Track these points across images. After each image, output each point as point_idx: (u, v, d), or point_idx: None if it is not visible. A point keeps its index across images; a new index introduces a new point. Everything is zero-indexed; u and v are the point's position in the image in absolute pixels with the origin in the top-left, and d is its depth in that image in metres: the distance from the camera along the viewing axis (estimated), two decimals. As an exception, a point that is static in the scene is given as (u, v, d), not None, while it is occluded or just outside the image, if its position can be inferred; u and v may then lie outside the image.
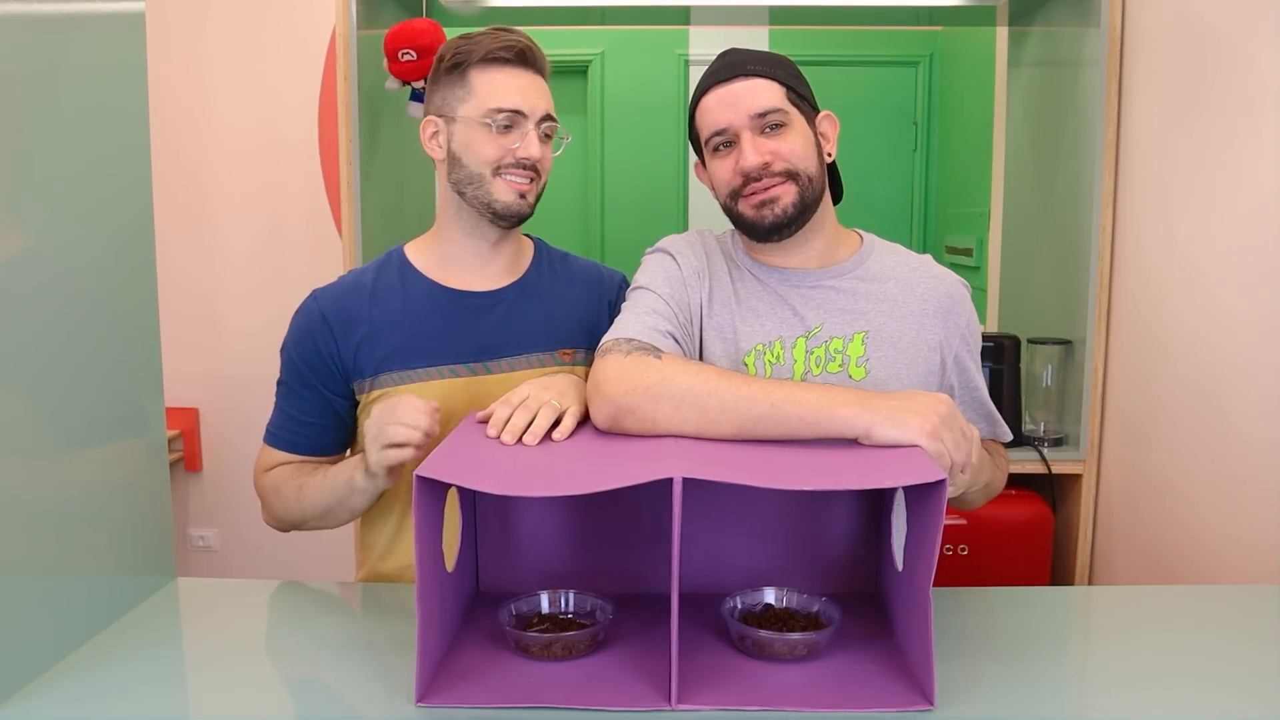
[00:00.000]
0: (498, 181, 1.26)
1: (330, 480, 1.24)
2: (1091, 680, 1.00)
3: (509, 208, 1.27)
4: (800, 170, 1.19)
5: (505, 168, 1.26)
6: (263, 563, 2.97)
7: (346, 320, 1.29)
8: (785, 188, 1.18)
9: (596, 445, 1.04)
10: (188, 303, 2.93)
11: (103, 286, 1.11)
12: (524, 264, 1.38)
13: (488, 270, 1.34)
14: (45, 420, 1.01)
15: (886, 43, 3.85)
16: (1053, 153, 2.26)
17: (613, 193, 4.00)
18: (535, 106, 1.25)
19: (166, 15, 2.78)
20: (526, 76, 1.26)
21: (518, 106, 1.24)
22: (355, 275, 1.35)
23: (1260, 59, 1.60)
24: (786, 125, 1.19)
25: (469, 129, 1.26)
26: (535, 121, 1.26)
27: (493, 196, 1.26)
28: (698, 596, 1.08)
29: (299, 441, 1.32)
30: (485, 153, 1.25)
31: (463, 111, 1.26)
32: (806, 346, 1.20)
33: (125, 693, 0.95)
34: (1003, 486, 1.30)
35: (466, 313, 1.32)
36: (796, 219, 1.20)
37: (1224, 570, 1.67)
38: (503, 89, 1.25)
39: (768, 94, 1.18)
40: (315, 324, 1.30)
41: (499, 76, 1.25)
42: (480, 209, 1.28)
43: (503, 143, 1.25)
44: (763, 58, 1.21)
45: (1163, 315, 1.88)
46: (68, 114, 1.04)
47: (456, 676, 0.95)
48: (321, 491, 1.25)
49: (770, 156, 1.18)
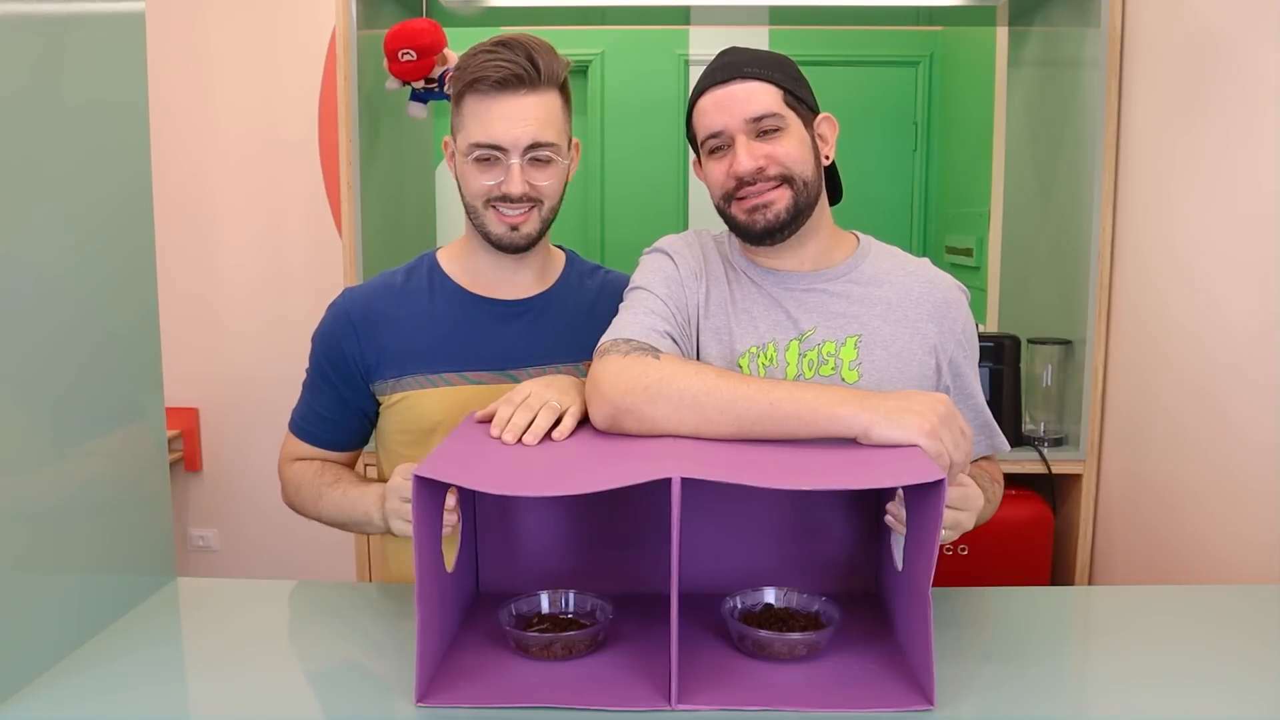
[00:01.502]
0: (490, 213, 1.25)
1: (349, 504, 1.25)
2: (1091, 680, 1.00)
3: (501, 239, 1.26)
4: (795, 175, 1.18)
5: (493, 201, 1.24)
6: (263, 563, 2.98)
7: (372, 321, 1.30)
8: (779, 193, 1.18)
9: (596, 445, 1.04)
10: (188, 303, 2.93)
11: (103, 286, 1.11)
12: (553, 274, 1.37)
13: (515, 280, 1.34)
14: (45, 420, 1.01)
15: (886, 43, 3.85)
16: (1053, 153, 2.26)
17: (613, 193, 4.00)
18: (517, 138, 1.20)
19: (166, 15, 2.78)
20: (512, 102, 1.20)
21: (496, 141, 1.20)
22: (386, 276, 1.35)
23: (1260, 59, 1.60)
24: (782, 129, 1.18)
25: (461, 162, 1.25)
26: (519, 153, 1.21)
27: (486, 229, 1.26)
28: (698, 596, 1.08)
29: (317, 435, 1.34)
30: (472, 187, 1.25)
31: (458, 141, 1.26)
32: (799, 349, 1.20)
33: (125, 693, 0.95)
34: (993, 512, 1.28)
35: (493, 320, 1.32)
36: (789, 224, 1.19)
37: (1224, 570, 1.67)
38: (484, 121, 1.21)
39: (764, 98, 1.17)
40: (341, 324, 1.30)
41: (483, 106, 1.21)
42: (483, 236, 1.28)
43: (485, 179, 1.23)
44: (761, 59, 1.20)
45: (1162, 315, 1.88)
46: (68, 114, 1.04)
47: (456, 676, 0.95)
48: (338, 510, 1.27)
49: (765, 161, 1.17)
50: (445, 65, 2.23)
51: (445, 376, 1.29)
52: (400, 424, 1.31)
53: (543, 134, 1.22)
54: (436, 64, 2.20)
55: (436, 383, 1.29)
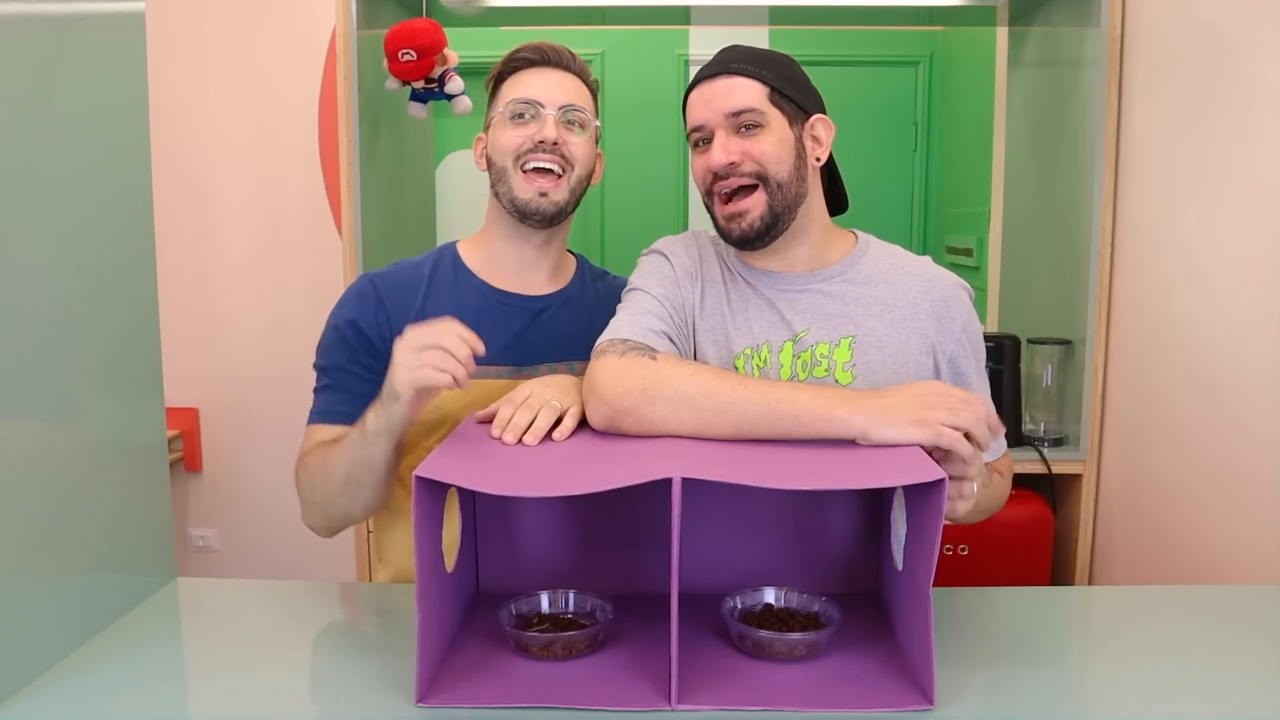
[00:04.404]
0: (518, 176, 1.27)
1: (347, 438, 1.19)
2: (1091, 680, 1.00)
3: (527, 205, 1.27)
4: (770, 174, 1.17)
5: (525, 154, 1.27)
6: (263, 563, 2.98)
7: (399, 304, 1.30)
8: (753, 200, 1.17)
9: (596, 445, 1.04)
10: (188, 303, 2.93)
11: (103, 286, 1.11)
12: (567, 276, 1.41)
13: (533, 276, 1.36)
14: (45, 420, 1.01)
15: (886, 43, 3.85)
16: (1053, 153, 2.26)
17: (612, 193, 4.00)
18: (553, 96, 1.28)
19: (166, 15, 2.78)
20: (548, 72, 1.30)
21: (533, 96, 1.28)
22: (410, 266, 1.35)
23: (1260, 59, 1.60)
24: (762, 126, 1.17)
25: (496, 127, 1.31)
26: (555, 109, 1.27)
27: (514, 193, 1.28)
28: (698, 596, 1.08)
29: (355, 413, 1.23)
30: (505, 143, 1.28)
31: (493, 115, 1.31)
32: (793, 351, 1.20)
33: (125, 693, 0.95)
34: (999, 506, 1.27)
35: (514, 314, 1.33)
36: (765, 232, 1.18)
37: (1225, 570, 1.67)
38: (523, 84, 1.30)
39: (745, 93, 1.17)
40: (369, 300, 1.29)
41: (522, 77, 1.30)
42: (509, 208, 1.29)
43: (522, 132, 1.28)
44: (752, 56, 1.20)
45: (1163, 315, 1.88)
46: (68, 114, 1.04)
47: (456, 676, 0.95)
48: (341, 454, 1.19)
49: (739, 156, 1.17)
50: (445, 65, 2.23)
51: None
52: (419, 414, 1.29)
53: (578, 99, 1.30)
54: (436, 64, 2.20)
55: None
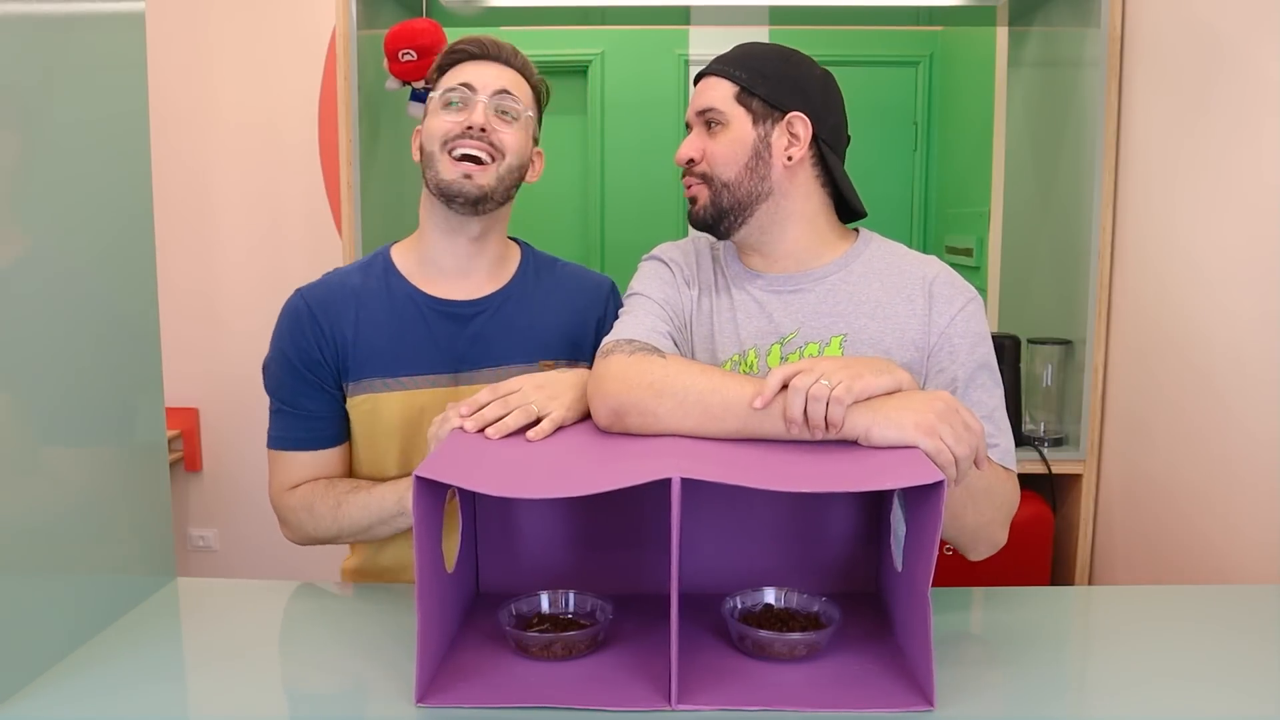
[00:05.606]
0: (445, 159, 1.26)
1: (376, 499, 1.23)
2: (1091, 680, 1.00)
3: (450, 186, 1.25)
4: (713, 175, 1.20)
5: (453, 140, 1.26)
6: (263, 563, 2.97)
7: (334, 319, 1.29)
8: (699, 189, 1.22)
9: (596, 445, 1.04)
10: (188, 303, 2.93)
11: (103, 287, 1.11)
12: (509, 271, 1.37)
13: (470, 277, 1.33)
14: (45, 420, 1.01)
15: (886, 43, 3.85)
16: (1053, 153, 2.26)
17: (612, 193, 4.00)
18: (486, 83, 1.28)
19: (166, 15, 2.78)
20: (484, 65, 1.30)
21: (465, 81, 1.28)
22: (341, 276, 1.34)
23: (1260, 59, 1.60)
24: (722, 125, 1.20)
25: (429, 116, 1.30)
26: (487, 95, 1.27)
27: (439, 175, 1.26)
28: (698, 596, 1.08)
29: (310, 437, 1.30)
30: (435, 128, 1.28)
31: (430, 106, 1.31)
32: (781, 353, 1.20)
33: (125, 693, 0.95)
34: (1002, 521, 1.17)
35: (448, 321, 1.31)
36: (714, 222, 1.22)
37: (1225, 570, 1.67)
38: (459, 74, 1.30)
39: (710, 92, 1.21)
40: (305, 321, 1.29)
41: (460, 69, 1.30)
42: (435, 192, 1.28)
43: (453, 118, 1.27)
44: (739, 54, 1.22)
45: (1163, 315, 1.88)
46: (68, 114, 1.04)
47: (456, 676, 0.95)
48: (364, 511, 1.24)
49: (696, 154, 1.21)
50: (445, 65, 2.23)
51: (402, 380, 1.29)
52: (363, 426, 1.31)
53: (514, 88, 1.30)
54: (436, 64, 2.20)
55: (394, 386, 1.29)
